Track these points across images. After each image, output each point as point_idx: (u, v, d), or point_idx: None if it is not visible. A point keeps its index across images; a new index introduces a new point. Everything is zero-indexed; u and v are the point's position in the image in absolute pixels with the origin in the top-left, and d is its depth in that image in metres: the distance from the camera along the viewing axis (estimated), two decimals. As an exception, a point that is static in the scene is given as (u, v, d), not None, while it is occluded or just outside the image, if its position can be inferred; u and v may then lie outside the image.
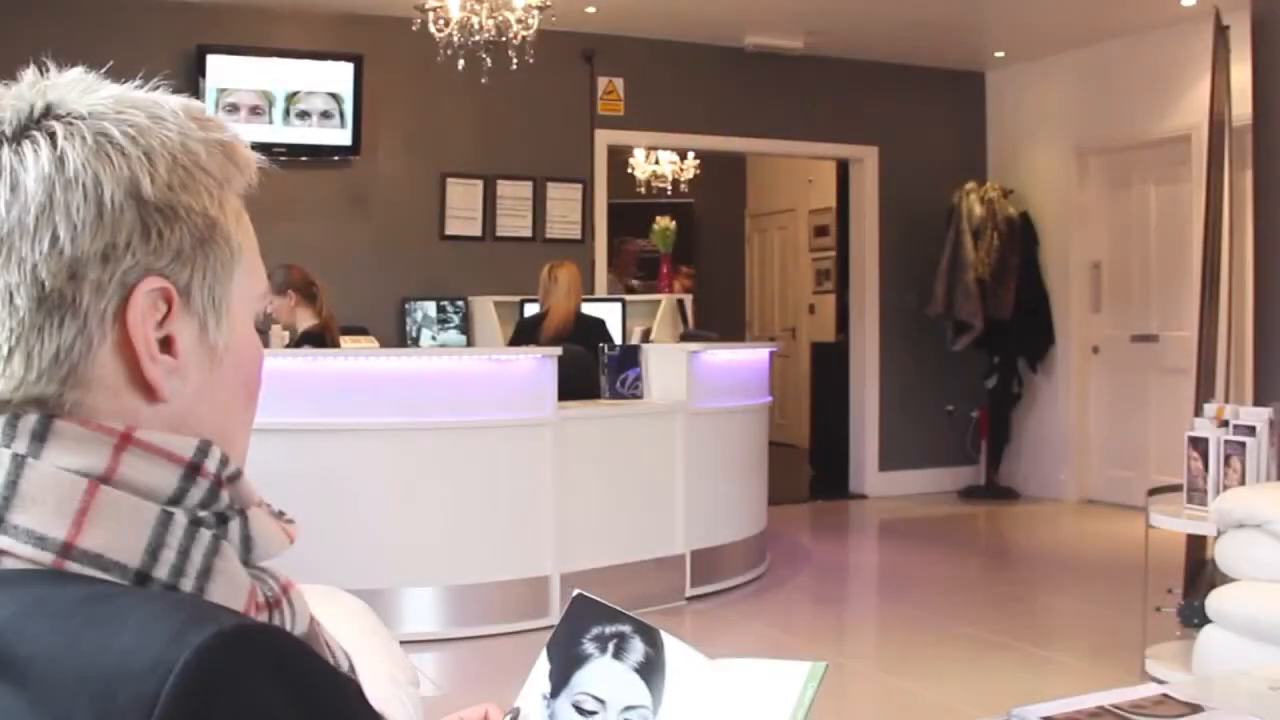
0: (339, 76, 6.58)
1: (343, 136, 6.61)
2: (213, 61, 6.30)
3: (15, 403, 0.71)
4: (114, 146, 0.71)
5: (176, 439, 0.73)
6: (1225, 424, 3.90)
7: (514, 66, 5.35)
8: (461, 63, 5.42)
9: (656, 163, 9.02)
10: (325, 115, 6.58)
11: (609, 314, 6.36)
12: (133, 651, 0.60)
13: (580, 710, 0.99)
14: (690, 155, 8.93)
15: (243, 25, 6.50)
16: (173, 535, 0.69)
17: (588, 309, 5.83)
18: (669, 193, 9.15)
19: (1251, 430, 3.81)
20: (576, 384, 5.13)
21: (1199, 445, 3.94)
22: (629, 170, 9.01)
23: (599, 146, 7.40)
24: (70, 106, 0.73)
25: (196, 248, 0.74)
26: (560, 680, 1.00)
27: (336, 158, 6.68)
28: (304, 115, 6.53)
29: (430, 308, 6.84)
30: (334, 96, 6.58)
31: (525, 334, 5.68)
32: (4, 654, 0.62)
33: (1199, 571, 4.21)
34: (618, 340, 6.18)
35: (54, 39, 6.11)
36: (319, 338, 4.96)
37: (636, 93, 7.46)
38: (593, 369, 5.32)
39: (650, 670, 0.97)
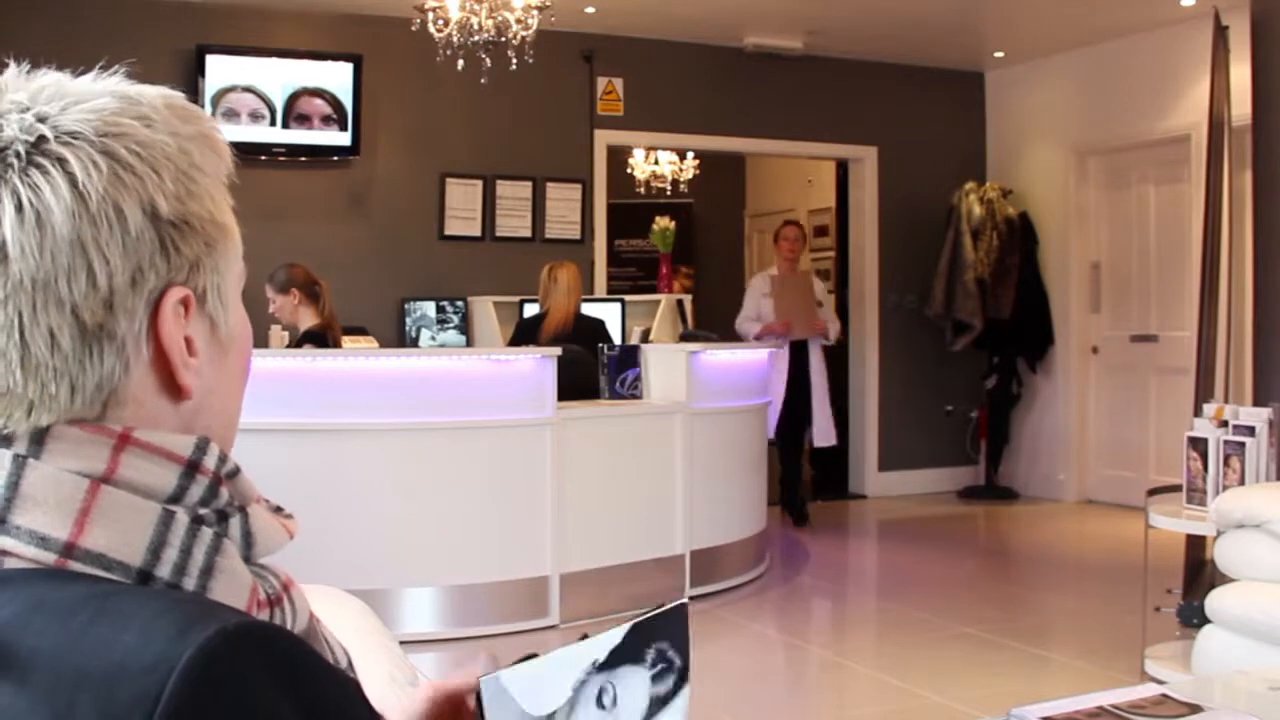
0: (339, 77, 6.58)
1: (342, 137, 6.61)
2: (212, 61, 6.30)
3: (56, 426, 0.71)
4: (125, 168, 0.71)
5: (174, 438, 0.73)
6: (1225, 424, 3.90)
7: (513, 66, 5.35)
8: (461, 63, 5.42)
9: (656, 163, 9.02)
10: (325, 116, 6.58)
11: (608, 314, 6.36)
12: (135, 649, 0.60)
13: (599, 698, 0.97)
14: (690, 155, 8.93)
15: (243, 25, 6.50)
16: (174, 534, 0.69)
17: (587, 309, 5.83)
18: (668, 193, 9.14)
19: (1251, 430, 3.81)
20: (576, 384, 5.13)
21: (1198, 445, 3.94)
22: (628, 170, 9.00)
23: (598, 146, 7.40)
24: (60, 121, 0.71)
25: (206, 253, 0.75)
26: (609, 665, 0.97)
27: (336, 158, 6.68)
28: (303, 116, 6.53)
29: (430, 308, 6.84)
30: (334, 97, 6.58)
31: (525, 334, 5.68)
32: (7, 651, 0.62)
33: (1198, 571, 4.21)
34: (617, 340, 6.18)
35: (54, 39, 6.15)
36: (321, 337, 4.96)
37: (636, 93, 7.46)
38: (592, 369, 5.32)
39: (659, 706, 0.97)
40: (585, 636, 0.99)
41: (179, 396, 0.74)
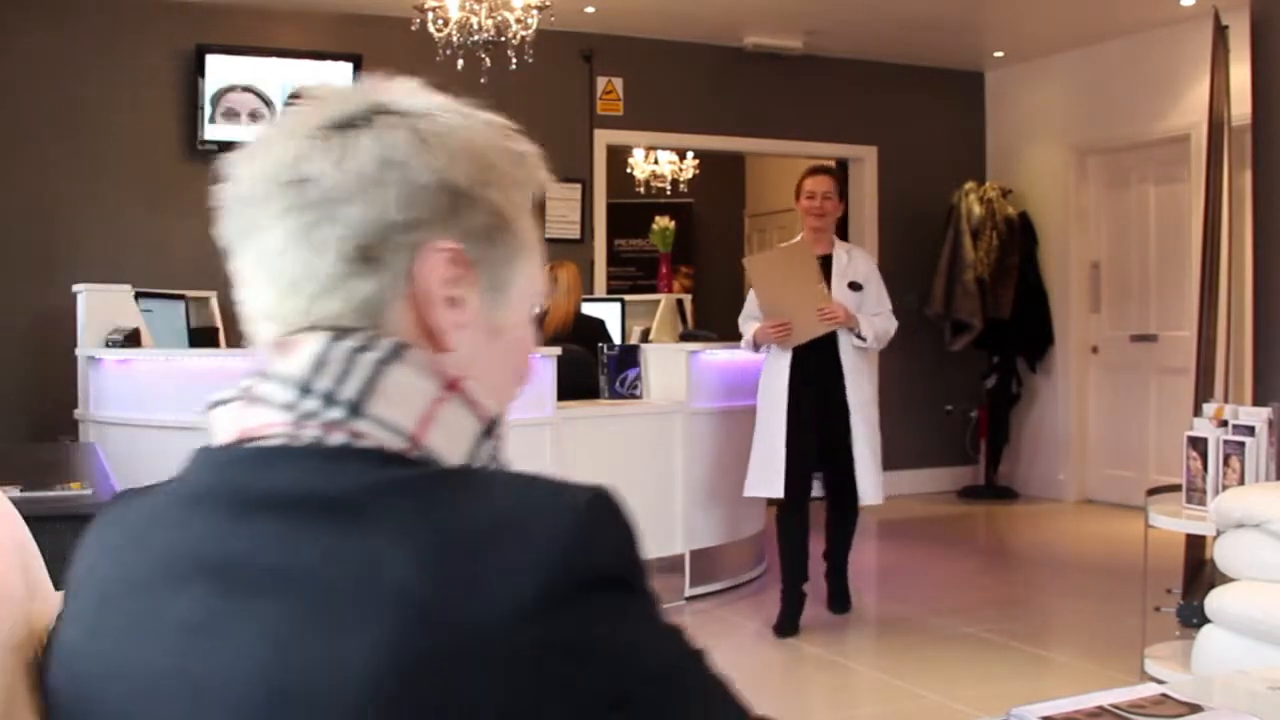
0: (338, 76, 6.57)
1: (342, 136, 6.61)
2: (212, 61, 6.29)
3: (409, 350, 0.82)
4: (434, 138, 0.83)
5: (489, 401, 0.84)
6: (1224, 424, 3.90)
7: (513, 66, 5.35)
8: (461, 62, 5.42)
9: (656, 162, 9.03)
10: (325, 115, 6.58)
11: (608, 314, 6.36)
12: (528, 502, 0.75)
13: None
14: (689, 155, 8.93)
15: (242, 25, 6.50)
16: (484, 453, 0.83)
17: (587, 309, 5.83)
18: (668, 192, 9.15)
19: (1250, 430, 3.81)
20: (576, 384, 5.13)
21: (1198, 445, 3.94)
22: (628, 170, 9.01)
23: (598, 146, 7.40)
24: (396, 105, 0.85)
25: (487, 232, 0.84)
26: None
27: (336, 158, 6.68)
28: (303, 115, 6.52)
29: (430, 308, 6.83)
30: (333, 96, 6.57)
31: (525, 334, 5.66)
32: (360, 511, 0.73)
33: (1198, 571, 4.21)
34: (617, 340, 6.18)
35: (56, 38, 6.13)
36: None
37: (636, 92, 7.46)
38: (592, 369, 5.32)
39: None
40: None
41: (439, 345, 0.82)
